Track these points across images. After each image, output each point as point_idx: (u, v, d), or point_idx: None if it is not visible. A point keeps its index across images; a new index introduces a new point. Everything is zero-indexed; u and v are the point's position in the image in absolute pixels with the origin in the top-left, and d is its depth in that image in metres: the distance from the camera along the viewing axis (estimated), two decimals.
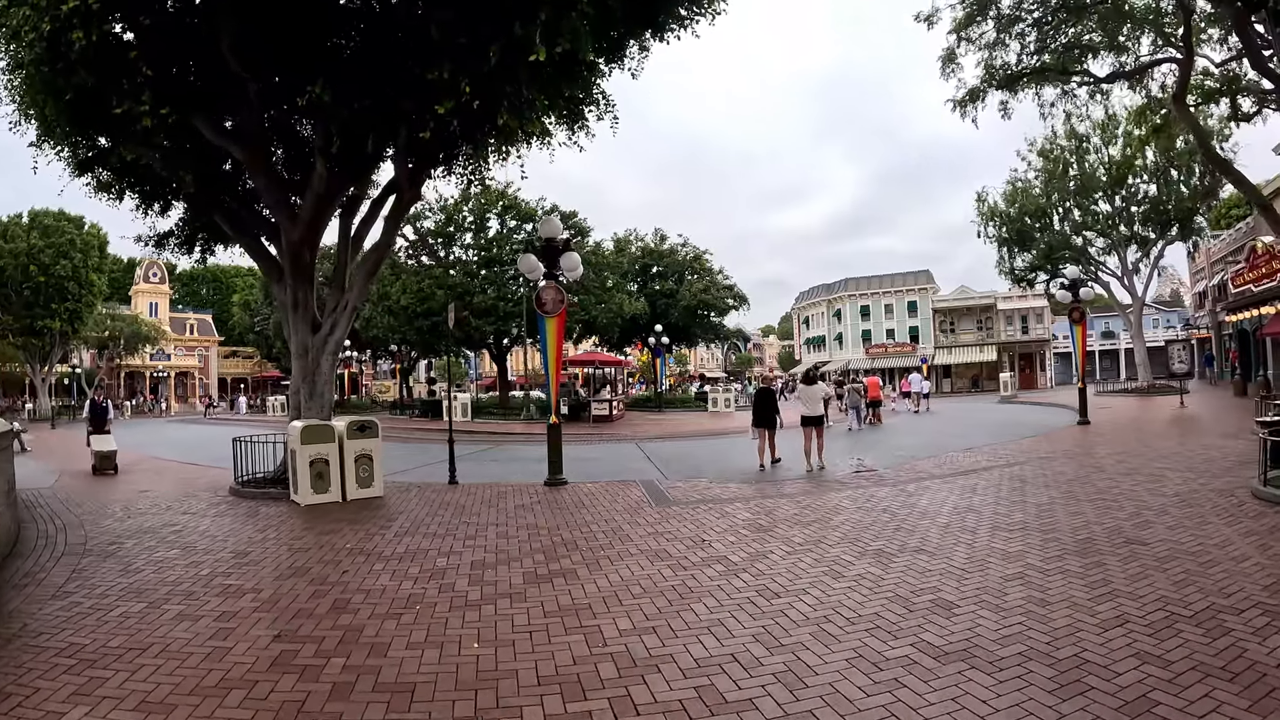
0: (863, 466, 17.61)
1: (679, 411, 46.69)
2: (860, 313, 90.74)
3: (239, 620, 7.23)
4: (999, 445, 20.75)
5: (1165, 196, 46.36)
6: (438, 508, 13.14)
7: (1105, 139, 47.53)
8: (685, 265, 54.95)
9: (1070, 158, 48.81)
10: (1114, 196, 48.22)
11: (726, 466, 19.02)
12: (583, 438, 29.00)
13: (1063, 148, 49.03)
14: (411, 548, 10.05)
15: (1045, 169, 50.26)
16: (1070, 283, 28.49)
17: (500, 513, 12.43)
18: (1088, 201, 48.89)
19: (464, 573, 8.72)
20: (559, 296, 15.43)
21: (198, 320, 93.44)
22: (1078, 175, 48.61)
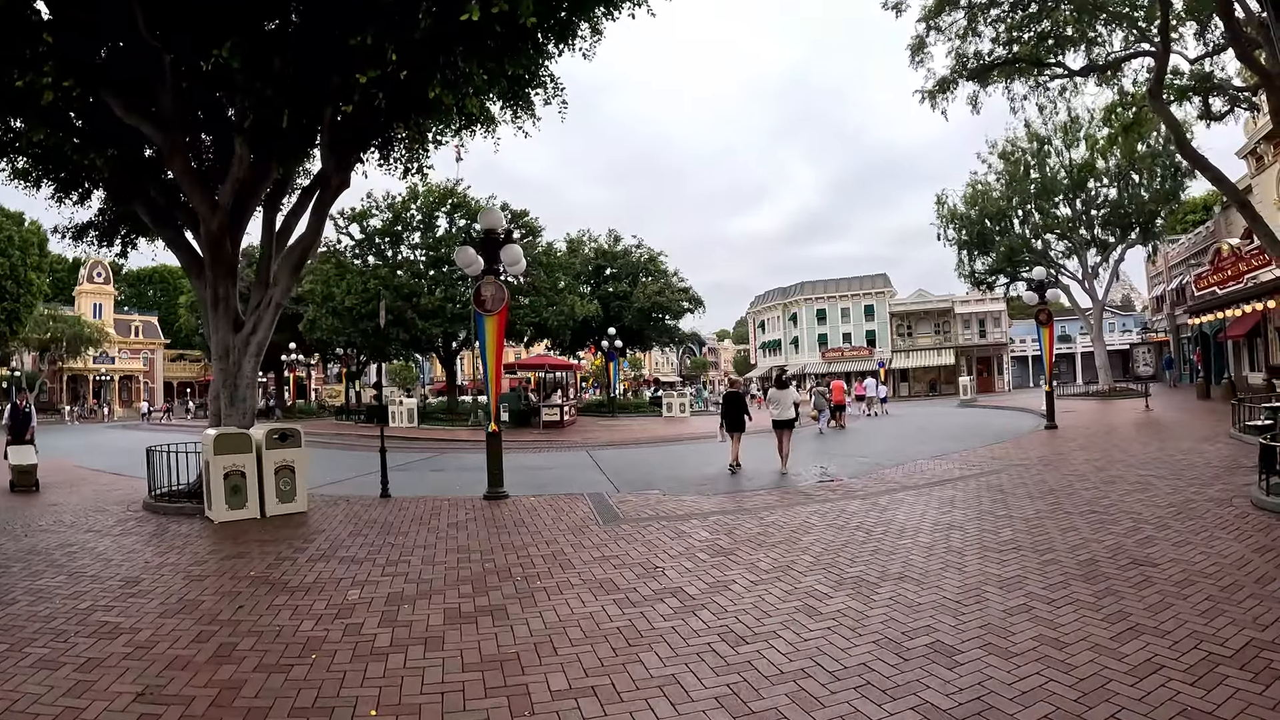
0: (827, 476, 16.58)
1: (633, 417, 45.34)
2: (816, 316, 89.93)
3: (104, 671, 5.99)
4: (968, 451, 19.69)
5: (1126, 200, 46.06)
6: (363, 526, 11.82)
7: (1067, 141, 47.19)
8: (639, 267, 53.87)
9: (1031, 160, 48.42)
10: (1075, 200, 47.94)
11: (682, 476, 17.87)
12: (531, 445, 27.75)
13: (1024, 150, 48.65)
14: (324, 576, 8.75)
15: (1006, 171, 49.72)
16: (1036, 284, 27.68)
17: (431, 532, 11.12)
18: (1048, 204, 48.46)
19: (377, 609, 7.43)
20: (500, 293, 14.14)
21: (143, 322, 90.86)
22: (1039, 178, 48.16)
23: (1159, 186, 45.08)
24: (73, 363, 76.32)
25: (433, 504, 13.78)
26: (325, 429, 39.87)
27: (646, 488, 15.75)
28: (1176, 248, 54.48)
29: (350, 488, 17.06)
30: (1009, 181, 49.58)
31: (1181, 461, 15.43)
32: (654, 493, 14.80)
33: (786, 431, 18.57)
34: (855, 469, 17.68)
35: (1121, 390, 47.45)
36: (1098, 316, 50.24)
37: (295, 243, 15.81)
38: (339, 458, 24.92)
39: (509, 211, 42.04)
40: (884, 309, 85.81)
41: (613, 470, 19.57)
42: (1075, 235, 48.36)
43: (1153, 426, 23.95)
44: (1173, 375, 55.02)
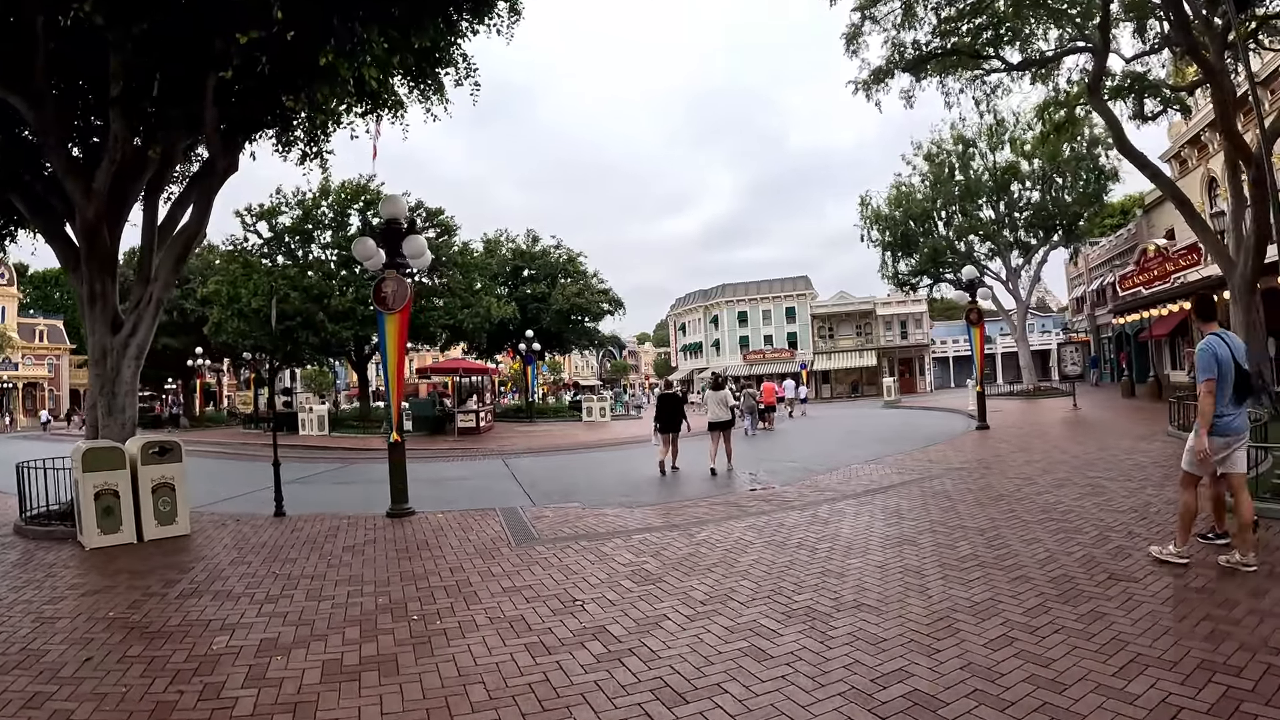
0: (758, 483, 15.70)
1: (552, 422, 43.89)
2: (738, 319, 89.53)
3: None
4: (902, 455, 18.86)
5: (1049, 202, 46.31)
6: (249, 551, 10.48)
7: (992, 144, 47.31)
8: (558, 268, 52.49)
9: (956, 162, 48.46)
10: (998, 202, 48.11)
11: (603, 486, 16.81)
12: (445, 454, 26.40)
13: (949, 152, 48.65)
14: (192, 617, 7.45)
15: (931, 172, 49.62)
16: (967, 283, 27.16)
17: (322, 559, 9.83)
18: (972, 206, 48.47)
19: (244, 662, 6.18)
20: (402, 289, 12.86)
21: (48, 326, 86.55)
22: (963, 180, 48.23)
23: (1083, 189, 45.55)
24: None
25: (330, 523, 12.45)
26: (231, 438, 37.95)
27: (565, 500, 14.63)
28: (1097, 250, 55.19)
29: (245, 504, 15.63)
30: (934, 183, 49.58)
31: (1126, 462, 14.84)
32: (573, 505, 13.67)
33: (723, 432, 18.79)
34: (787, 475, 16.80)
35: (1046, 390, 47.71)
36: (1022, 317, 50.36)
37: (178, 233, 14.35)
38: (240, 470, 23.38)
39: (423, 209, 40.50)
40: (806, 311, 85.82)
41: (530, 480, 18.36)
42: (999, 237, 48.43)
43: (1086, 426, 23.54)
44: (1095, 375, 55.50)
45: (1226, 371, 7.36)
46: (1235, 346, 7.49)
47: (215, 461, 27.14)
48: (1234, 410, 7.45)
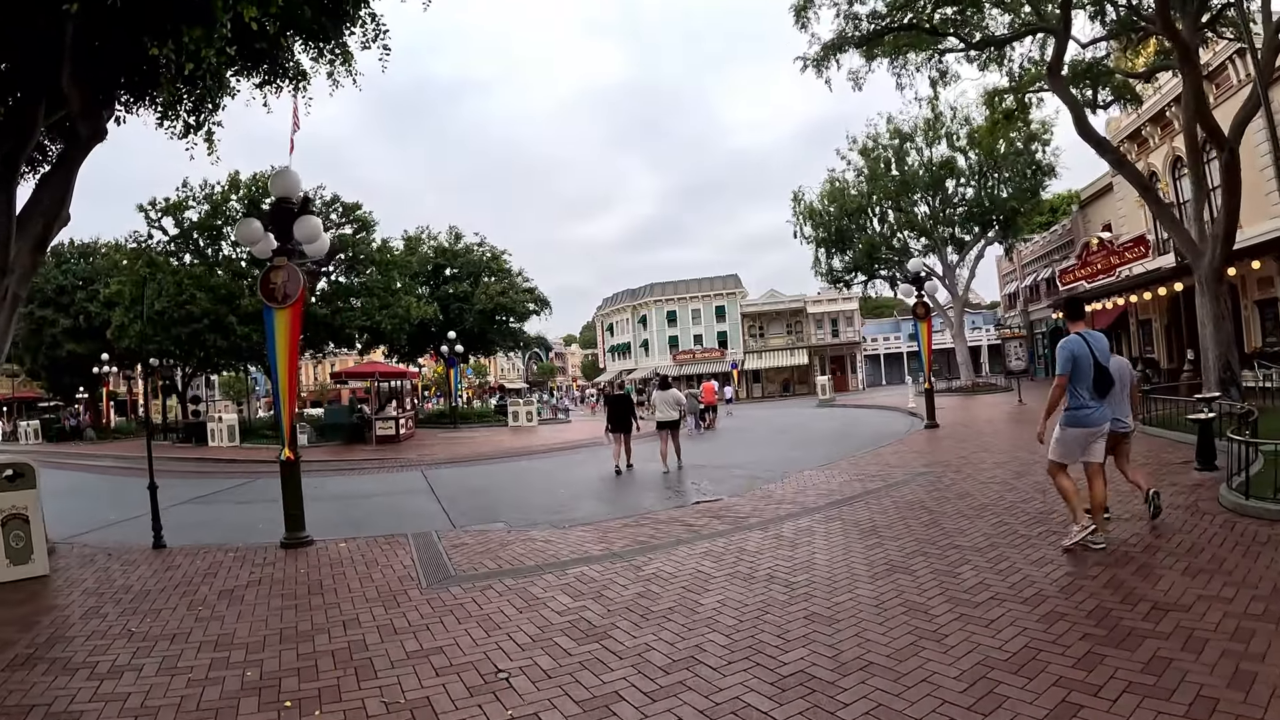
0: (705, 495, 14.18)
1: (477, 427, 41.98)
2: (667, 318, 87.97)
3: None
4: (855, 458, 17.47)
5: (985, 198, 45.62)
6: (108, 599, 8.58)
7: (929, 139, 46.49)
8: (481, 266, 50.45)
9: (892, 156, 47.54)
10: (934, 197, 47.27)
11: (531, 501, 15.23)
12: (360, 465, 24.49)
13: (885, 146, 47.72)
14: (10, 703, 5.63)
15: (867, 167, 48.61)
16: (913, 276, 26.04)
17: (191, 610, 7.99)
18: (908, 202, 47.55)
19: None
20: (294, 280, 11.01)
21: None
22: (898, 175, 47.32)
23: (1020, 185, 45.09)
24: None
25: (214, 557, 10.56)
26: (137, 451, 35.26)
27: (488, 520, 12.99)
28: (1030, 246, 54.87)
29: (128, 531, 13.66)
30: (870, 178, 48.52)
31: None
32: (498, 527, 12.03)
33: (671, 432, 19.30)
34: (734, 484, 15.36)
35: (985, 386, 47.05)
36: (959, 312, 49.72)
37: (35, 215, 12.29)
38: (136, 488, 21.15)
39: (339, 203, 38.37)
40: (735, 310, 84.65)
41: (449, 496, 16.51)
42: (935, 233, 47.60)
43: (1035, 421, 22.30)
44: (1030, 369, 55.09)
45: (1085, 369, 7.89)
46: (1097, 346, 7.98)
47: (110, 479, 24.99)
48: (1094, 404, 7.96)
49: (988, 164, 45.03)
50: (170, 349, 37.87)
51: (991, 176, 45.85)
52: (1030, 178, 44.80)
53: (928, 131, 46.69)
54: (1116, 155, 22.13)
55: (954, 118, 45.65)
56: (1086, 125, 21.02)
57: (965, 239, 48.34)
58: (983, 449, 17.19)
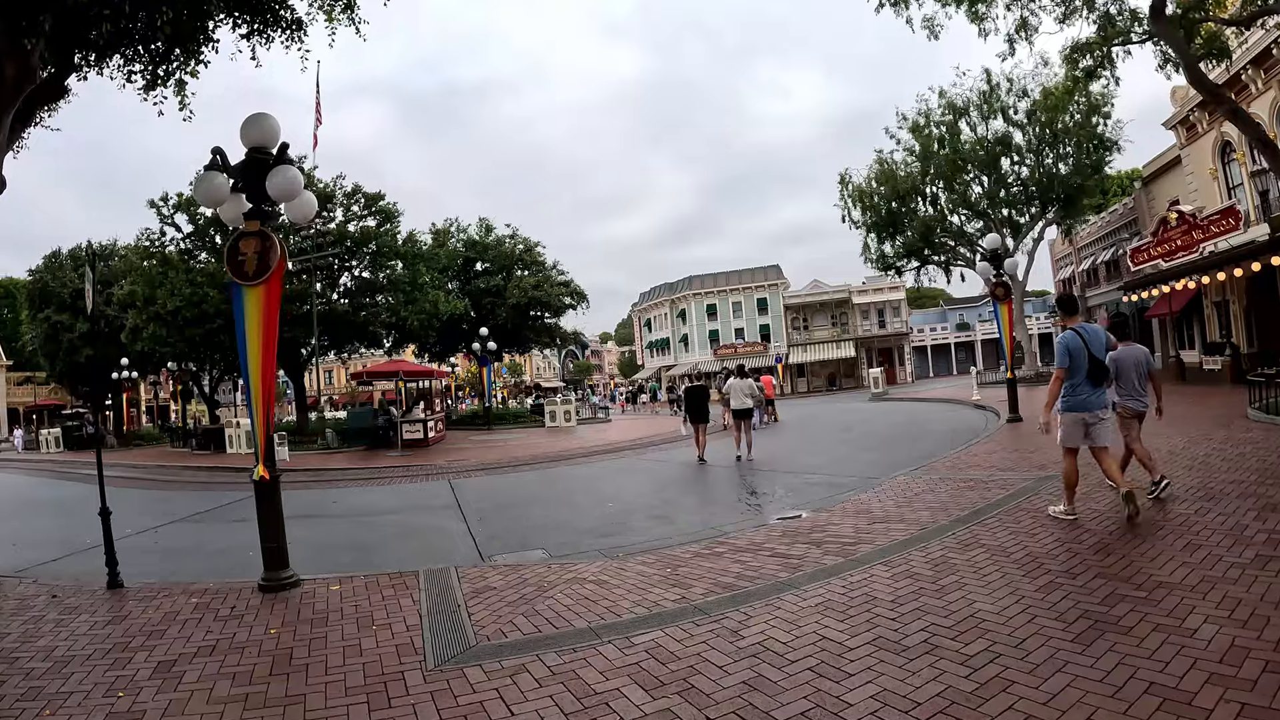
0: (787, 511, 11.63)
1: (511, 429, 39.32)
2: (706, 312, 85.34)
3: None
4: (945, 459, 14.96)
5: (1042, 175, 42.66)
6: (18, 670, 6.31)
7: (985, 112, 43.46)
8: (514, 258, 47.80)
9: (945, 133, 44.52)
10: (991, 175, 44.16)
11: (575, 521, 12.68)
12: (381, 474, 22.00)
13: (937, 122, 44.73)
14: None
15: (919, 144, 45.63)
16: (990, 254, 23.35)
17: (110, 693, 5.68)
18: (966, 179, 44.58)
19: None
20: (269, 250, 8.58)
21: None
22: (949, 153, 44.35)
23: (1081, 160, 42.02)
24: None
25: (175, 603, 8.22)
26: (154, 459, 33.23)
27: (523, 544, 10.67)
28: (1087, 229, 51.68)
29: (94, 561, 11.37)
30: (922, 157, 45.54)
31: (1268, 461, 11.13)
32: (535, 557, 9.75)
33: (746, 420, 19.88)
34: (814, 495, 12.90)
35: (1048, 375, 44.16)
36: (1019, 297, 46.54)
37: None
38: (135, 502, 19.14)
39: (361, 194, 36.02)
40: (778, 302, 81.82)
41: (478, 511, 14.11)
42: (995, 212, 44.61)
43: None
44: None
45: (1080, 361, 8.52)
46: (1092, 340, 8.56)
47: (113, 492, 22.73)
48: (1090, 391, 8.62)
49: (1047, 137, 42.00)
50: (184, 351, 35.74)
51: (1050, 152, 42.75)
52: (1091, 152, 41.78)
53: (982, 105, 43.70)
54: (1232, 105, 19.41)
55: (1010, 90, 42.74)
56: (1198, 73, 18.30)
57: (1021, 221, 45.33)
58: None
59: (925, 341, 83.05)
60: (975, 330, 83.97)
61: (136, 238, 36.33)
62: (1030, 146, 43.06)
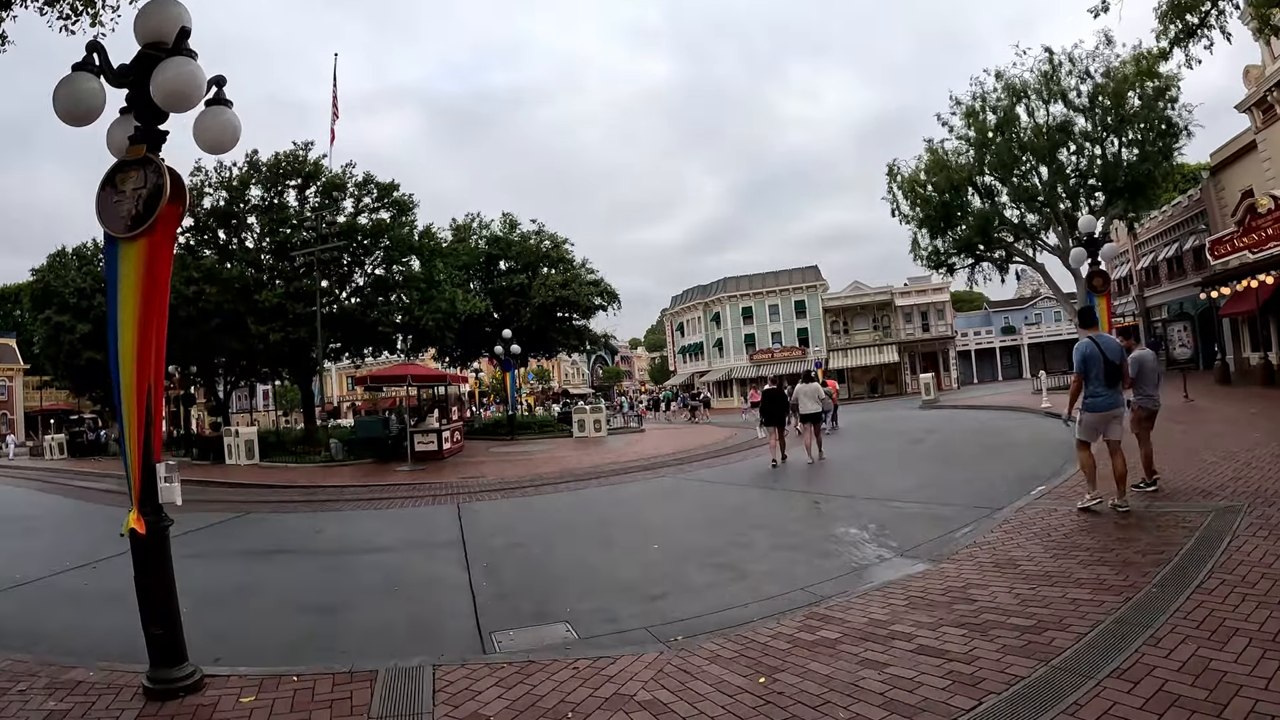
0: (893, 553, 9.08)
1: (536, 438, 36.09)
2: (742, 315, 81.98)
3: None
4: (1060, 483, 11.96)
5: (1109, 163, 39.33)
6: None
7: (1046, 96, 40.01)
8: (540, 256, 44.82)
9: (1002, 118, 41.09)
10: (1049, 165, 40.67)
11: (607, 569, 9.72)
12: (382, 494, 18.97)
13: (994, 107, 41.30)
14: None
15: (974, 130, 42.18)
16: (1085, 238, 20.23)
17: None
18: (1020, 170, 41.19)
19: None
20: (157, 186, 5.64)
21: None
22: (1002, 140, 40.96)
23: (1147, 147, 38.54)
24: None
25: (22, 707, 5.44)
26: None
27: (539, 615, 7.77)
28: (1148, 223, 48.26)
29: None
30: (977, 145, 42.11)
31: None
32: (555, 634, 7.07)
33: (815, 424, 19.79)
34: (919, 531, 10.23)
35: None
36: (1083, 298, 43.07)
37: None
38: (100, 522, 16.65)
39: (373, 184, 33.22)
40: (816, 304, 78.38)
41: (486, 553, 11.05)
42: (1057, 203, 41.15)
43: (1250, 421, 17.67)
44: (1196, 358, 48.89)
45: (1095, 367, 9.40)
46: (1106, 347, 9.50)
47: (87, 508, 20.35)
48: (1105, 392, 9.49)
49: (1111, 122, 38.50)
50: (178, 353, 33.05)
51: (1114, 138, 39.23)
52: (1158, 140, 38.33)
53: (1041, 90, 40.20)
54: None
55: (1070, 71, 39.42)
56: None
57: (1078, 215, 41.78)
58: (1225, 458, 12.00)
59: (969, 346, 79.63)
60: (1022, 334, 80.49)
61: None
62: (1093, 133, 39.69)
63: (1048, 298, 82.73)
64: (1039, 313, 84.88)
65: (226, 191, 32.03)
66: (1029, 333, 79.15)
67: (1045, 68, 39.16)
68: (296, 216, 31.82)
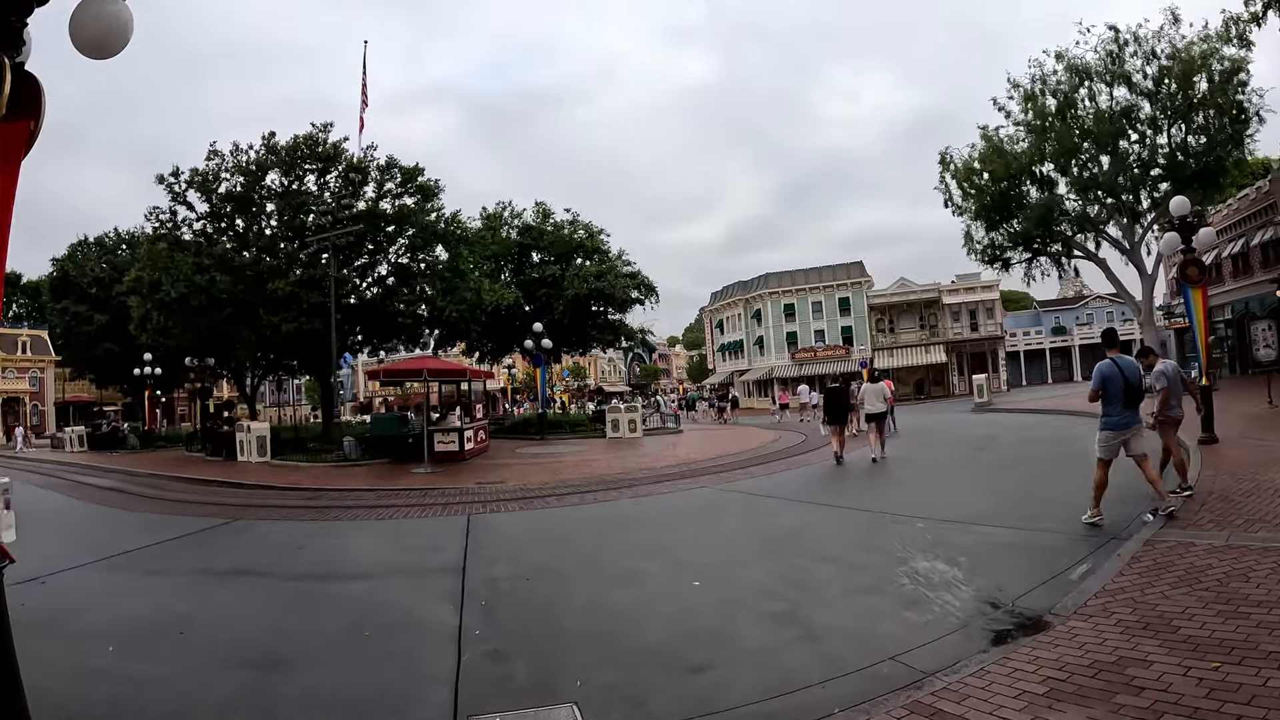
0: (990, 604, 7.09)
1: (567, 438, 33.88)
2: (784, 312, 79.92)
3: None
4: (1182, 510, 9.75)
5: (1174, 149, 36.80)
6: None
7: (1110, 78, 37.37)
8: (574, 246, 42.76)
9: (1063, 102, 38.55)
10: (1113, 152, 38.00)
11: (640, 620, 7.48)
12: (387, 501, 17.07)
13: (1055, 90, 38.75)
14: None
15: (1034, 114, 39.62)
16: (1179, 222, 17.97)
17: None
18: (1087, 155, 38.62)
19: None
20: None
21: (31, 338, 79.30)
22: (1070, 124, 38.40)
23: (1215, 134, 35.96)
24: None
25: None
26: (153, 465, 28.79)
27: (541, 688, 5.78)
28: (1212, 218, 45.50)
29: None
30: (1037, 131, 39.56)
31: None
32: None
33: (879, 423, 19.95)
34: (1018, 565, 8.32)
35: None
36: (1148, 294, 40.38)
37: None
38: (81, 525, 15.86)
39: (397, 169, 31.42)
40: (861, 301, 76.11)
41: (487, 585, 8.98)
42: (1117, 195, 38.57)
43: None
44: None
45: (1115, 388, 9.61)
46: (1126, 368, 9.64)
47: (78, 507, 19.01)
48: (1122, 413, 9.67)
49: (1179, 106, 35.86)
50: (191, 343, 31.51)
51: (1181, 124, 36.61)
52: (1229, 126, 35.65)
53: (1104, 72, 37.53)
54: None
55: (1136, 52, 36.77)
56: None
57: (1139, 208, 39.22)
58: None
59: (1018, 346, 76.99)
60: (1073, 334, 77.69)
61: (145, 217, 31.89)
62: (1159, 118, 37.06)
63: (1099, 296, 79.99)
64: (1090, 312, 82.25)
65: (244, 176, 30.44)
66: (1080, 333, 76.41)
67: (1111, 47, 36.66)
68: (316, 202, 30.08)
